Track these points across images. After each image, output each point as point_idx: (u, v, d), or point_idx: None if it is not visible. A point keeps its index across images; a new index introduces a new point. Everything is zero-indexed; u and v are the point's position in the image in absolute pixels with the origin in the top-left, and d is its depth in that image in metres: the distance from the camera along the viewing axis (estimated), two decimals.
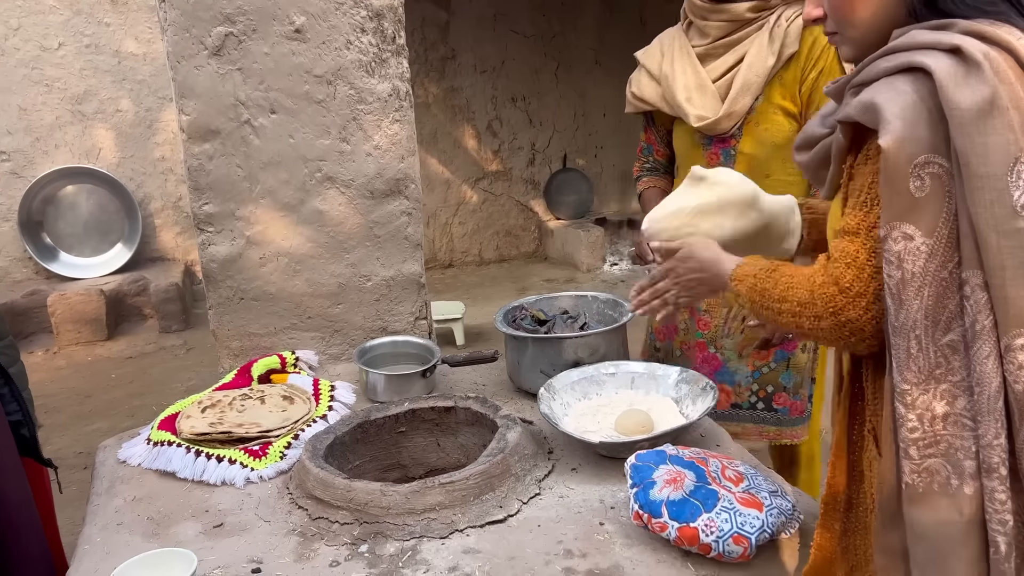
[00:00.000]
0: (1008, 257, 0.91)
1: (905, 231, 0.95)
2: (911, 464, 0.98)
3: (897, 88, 0.96)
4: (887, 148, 0.94)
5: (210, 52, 1.89)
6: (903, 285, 0.95)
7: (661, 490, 1.26)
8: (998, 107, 0.91)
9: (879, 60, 1.01)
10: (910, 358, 0.97)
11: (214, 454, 1.62)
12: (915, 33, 0.99)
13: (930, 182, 0.94)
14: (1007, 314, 0.92)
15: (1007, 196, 0.91)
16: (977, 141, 0.91)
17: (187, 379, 4.15)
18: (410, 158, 2.07)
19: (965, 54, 0.93)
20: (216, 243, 2.01)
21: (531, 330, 1.93)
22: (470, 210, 6.58)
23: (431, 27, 6.12)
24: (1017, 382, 0.93)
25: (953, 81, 0.92)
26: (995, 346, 0.93)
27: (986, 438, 0.94)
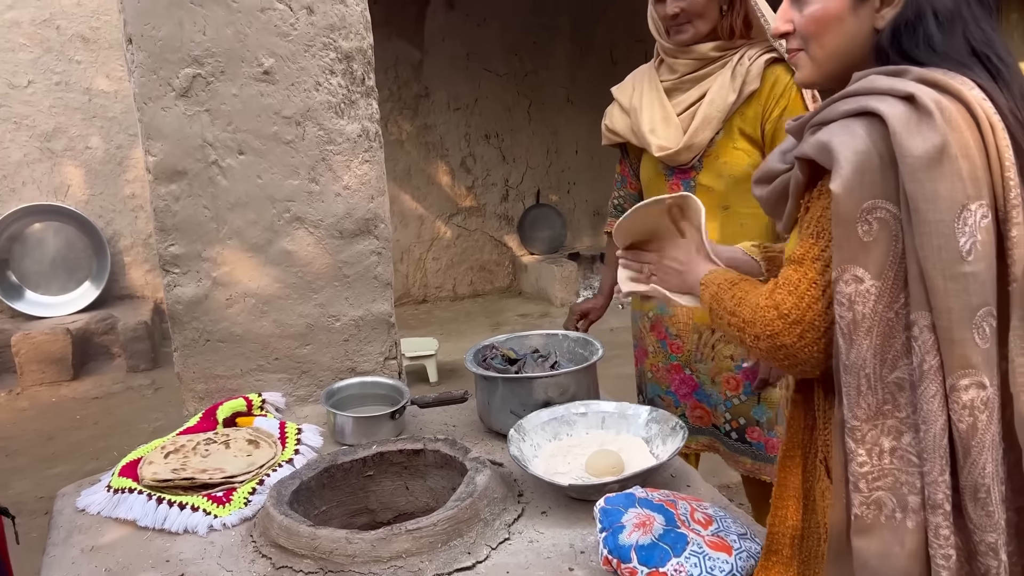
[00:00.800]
0: (954, 300, 0.94)
1: (855, 274, 0.97)
2: (860, 496, 1.00)
3: (852, 131, 0.99)
4: (837, 193, 0.97)
5: (177, 93, 1.89)
6: (854, 326, 0.98)
7: (630, 534, 1.25)
8: (948, 155, 0.94)
9: (838, 102, 1.03)
10: (860, 395, 0.99)
11: (176, 501, 1.59)
12: (874, 78, 1.02)
13: (878, 227, 0.97)
14: (952, 355, 0.95)
15: (954, 242, 0.94)
16: (927, 188, 0.93)
17: (154, 419, 4.07)
18: (380, 198, 2.07)
19: (918, 102, 0.95)
20: (182, 284, 1.99)
21: (501, 369, 1.92)
22: (444, 245, 6.59)
23: (404, 65, 6.18)
24: (961, 421, 0.95)
25: (905, 128, 0.95)
26: (941, 386, 0.96)
27: (931, 475, 0.97)
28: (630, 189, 2.28)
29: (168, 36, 1.86)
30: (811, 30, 1.09)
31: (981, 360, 0.95)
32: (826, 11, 1.07)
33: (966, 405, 0.95)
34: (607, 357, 1.97)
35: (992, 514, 0.96)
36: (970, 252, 0.94)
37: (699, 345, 2.06)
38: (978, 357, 0.95)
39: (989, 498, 0.96)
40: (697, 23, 1.92)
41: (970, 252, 0.94)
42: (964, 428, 0.95)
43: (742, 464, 2.10)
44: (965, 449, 0.96)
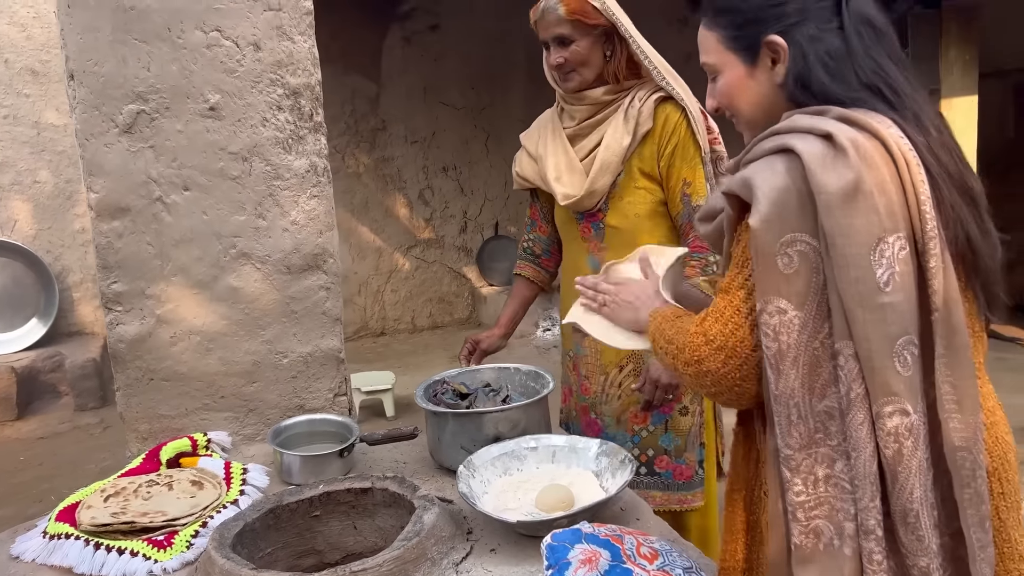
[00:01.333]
0: (872, 330, 0.97)
1: (779, 305, 1.01)
2: (799, 526, 1.02)
3: (773, 168, 1.03)
4: (755, 228, 1.01)
5: (121, 130, 1.87)
6: (780, 356, 1.01)
7: (576, 571, 1.24)
8: (862, 191, 0.98)
9: (764, 140, 1.09)
10: (791, 425, 1.02)
11: (115, 546, 1.54)
12: (797, 117, 1.07)
13: (798, 259, 1.00)
14: (875, 383, 0.98)
15: (871, 273, 0.97)
16: (843, 223, 0.97)
17: (102, 459, 3.96)
18: (328, 232, 2.06)
19: (835, 140, 1.00)
20: (125, 322, 1.95)
21: (452, 404, 1.91)
22: (402, 277, 6.56)
23: (361, 99, 6.19)
24: (887, 448, 0.98)
25: (821, 165, 0.99)
26: (868, 413, 0.99)
27: (863, 501, 0.99)
28: (540, 232, 2.33)
29: (111, 72, 1.84)
30: (725, 102, 1.21)
31: (903, 388, 0.98)
32: (728, 84, 1.18)
33: (890, 432, 0.98)
34: (557, 390, 1.97)
35: (923, 539, 0.98)
36: (888, 283, 0.97)
37: (604, 386, 2.09)
38: (900, 385, 0.98)
39: (919, 523, 0.98)
40: (582, 70, 1.98)
41: (888, 283, 0.97)
42: (890, 454, 0.98)
43: (652, 499, 2.10)
44: (892, 475, 0.98)
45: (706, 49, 1.21)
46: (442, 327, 6.68)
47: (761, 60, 1.14)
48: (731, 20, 1.16)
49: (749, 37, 1.14)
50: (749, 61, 1.15)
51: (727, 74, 1.18)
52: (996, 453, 1.10)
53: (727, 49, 1.17)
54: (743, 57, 1.16)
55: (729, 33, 1.16)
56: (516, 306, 2.33)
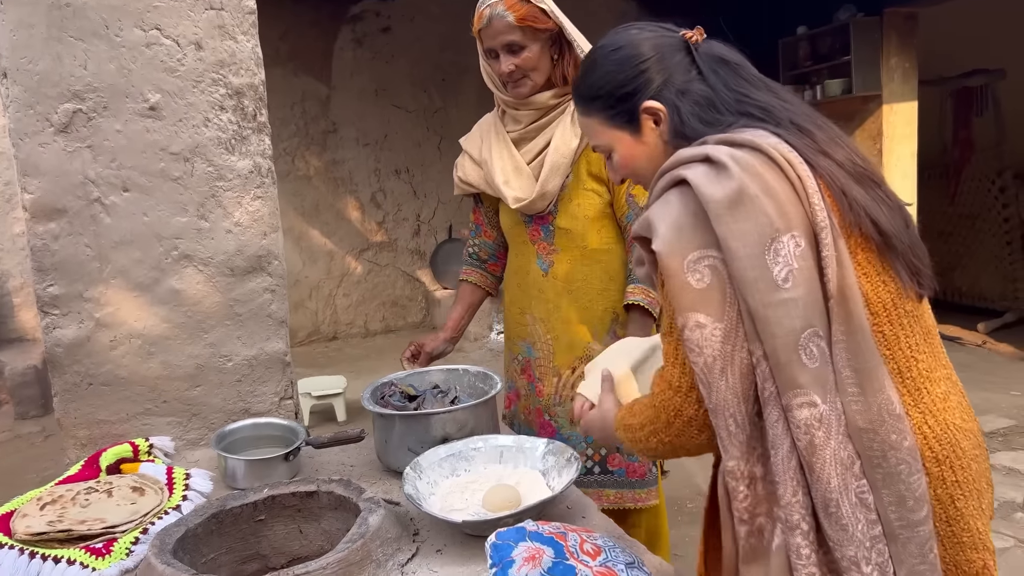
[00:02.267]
0: (776, 326, 1.00)
1: (697, 320, 1.04)
2: (745, 528, 1.05)
3: (668, 201, 1.10)
4: (659, 252, 1.05)
5: (56, 129, 1.82)
6: (707, 370, 1.03)
7: (519, 568, 1.25)
8: (747, 195, 1.03)
9: (656, 183, 1.16)
10: (731, 436, 1.04)
11: (51, 555, 1.50)
12: (679, 153, 1.14)
13: (709, 273, 1.04)
14: (782, 378, 1.01)
15: (767, 272, 1.01)
16: (733, 228, 1.02)
17: (43, 468, 3.86)
18: (273, 234, 2.04)
19: (713, 159, 1.07)
20: (62, 326, 1.90)
21: (399, 406, 1.90)
22: (355, 281, 6.52)
23: (312, 101, 6.13)
24: (799, 440, 1.01)
25: (706, 181, 1.05)
26: (781, 410, 1.02)
27: (784, 497, 1.01)
28: (485, 237, 2.35)
29: (46, 70, 1.80)
30: (627, 172, 1.29)
31: (810, 379, 1.01)
32: (624, 156, 1.27)
33: (800, 424, 1.00)
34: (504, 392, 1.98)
35: (847, 528, 1.00)
36: (787, 279, 1.01)
37: (558, 388, 2.10)
38: (806, 377, 1.01)
39: (840, 512, 1.00)
40: (533, 75, 1.99)
41: (787, 279, 1.01)
42: (803, 446, 1.01)
43: (605, 497, 2.12)
44: (809, 466, 1.01)
45: (593, 133, 1.30)
46: (395, 331, 6.65)
47: (644, 124, 1.22)
48: (604, 103, 1.25)
49: (626, 111, 1.23)
50: (634, 130, 1.24)
51: (619, 148, 1.26)
52: (945, 439, 1.10)
53: (611, 127, 1.26)
54: (628, 129, 1.24)
55: (607, 114, 1.25)
56: (462, 310, 2.34)
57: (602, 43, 1.28)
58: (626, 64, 1.22)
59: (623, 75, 1.22)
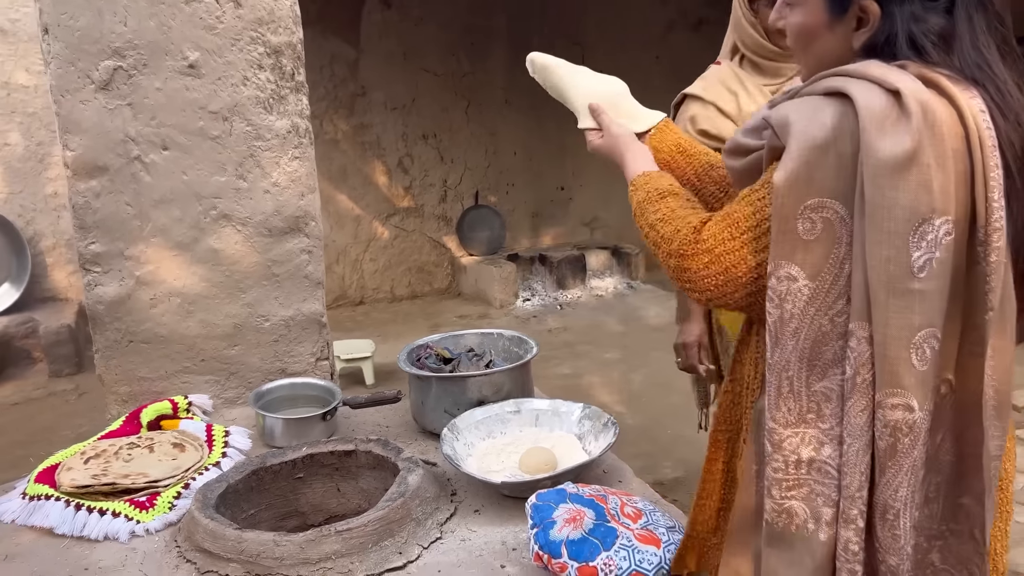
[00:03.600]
0: (894, 316, 0.89)
1: (789, 272, 0.93)
2: (772, 503, 0.98)
3: (819, 115, 0.93)
4: (778, 185, 0.92)
5: (97, 86, 1.83)
6: (780, 324, 0.94)
7: (561, 529, 1.25)
8: (918, 163, 0.87)
9: (826, 78, 0.98)
10: (780, 398, 0.96)
11: (96, 507, 1.53)
12: (871, 64, 0.95)
13: (821, 226, 0.92)
14: (883, 372, 0.91)
15: (905, 255, 0.88)
16: (887, 195, 0.87)
17: (78, 426, 3.92)
18: (310, 195, 2.04)
19: (902, 98, 0.89)
20: (103, 283, 1.92)
21: (435, 369, 1.91)
22: (381, 246, 6.52)
23: (340, 64, 6.10)
24: (881, 439, 0.92)
25: (878, 125, 0.88)
26: (870, 401, 0.92)
27: (849, 489, 0.94)
28: None
29: (87, 26, 1.80)
30: (793, 40, 1.09)
31: (914, 382, 0.91)
32: (805, 25, 1.05)
33: (888, 424, 0.91)
34: (545, 357, 1.98)
35: (898, 538, 0.94)
36: (923, 269, 0.89)
37: None
38: (911, 379, 0.91)
39: (897, 521, 0.93)
40: None
41: (923, 269, 0.89)
42: (883, 447, 0.92)
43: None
44: (881, 468, 0.93)
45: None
46: (421, 296, 6.66)
47: (848, 16, 1.01)
48: None
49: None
50: (835, 12, 1.02)
51: (807, 15, 1.04)
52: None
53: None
54: (830, 5, 1.02)
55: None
56: None
57: None
58: None
59: None
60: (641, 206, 1.17)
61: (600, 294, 6.39)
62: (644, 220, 1.15)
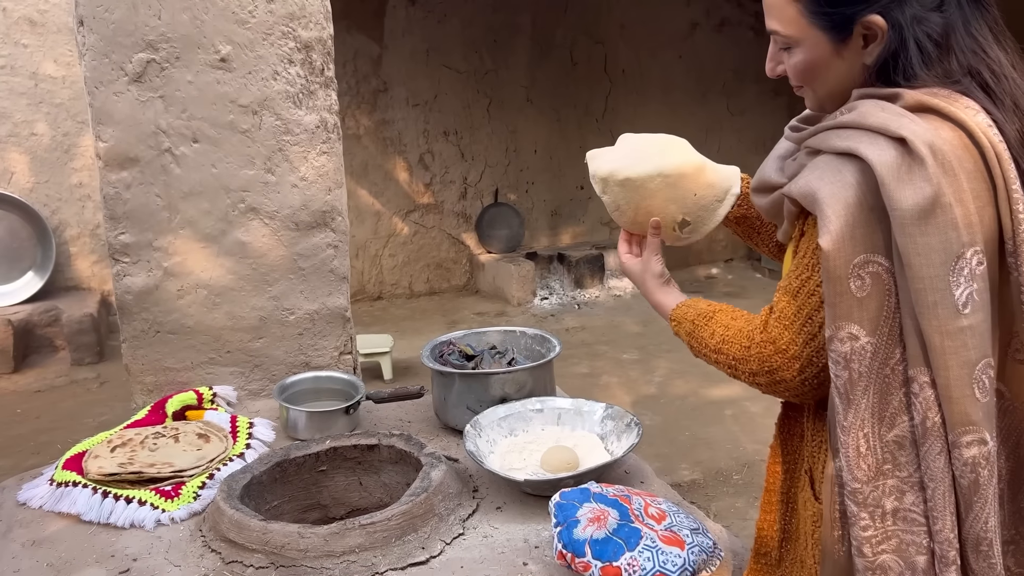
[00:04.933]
0: (951, 357, 0.90)
1: (851, 331, 0.94)
2: (864, 562, 0.97)
3: (841, 178, 0.94)
4: (827, 250, 0.93)
5: (130, 79, 1.84)
6: (851, 386, 0.95)
7: (585, 529, 1.25)
8: (941, 205, 0.89)
9: (831, 133, 1.00)
10: (860, 457, 0.96)
11: (122, 495, 1.55)
12: (867, 110, 0.97)
13: (870, 281, 0.93)
14: (952, 413, 0.92)
15: (949, 296, 0.89)
16: (919, 241, 0.89)
17: (100, 414, 3.97)
18: (337, 190, 2.05)
19: (910, 146, 0.90)
20: (132, 274, 1.94)
21: (458, 365, 1.91)
22: (400, 242, 6.54)
23: (363, 60, 6.12)
24: (963, 478, 0.93)
25: (895, 178, 0.90)
26: (944, 443, 0.93)
27: (943, 533, 0.94)
28: None
29: (121, 19, 1.82)
30: (800, 79, 1.08)
31: (982, 416, 0.92)
32: (811, 61, 1.04)
33: (968, 463, 0.92)
34: (566, 356, 1.98)
35: (995, 566, 0.94)
36: (967, 304, 0.90)
37: None
38: (979, 413, 0.92)
39: (991, 551, 0.94)
40: None
41: (967, 304, 0.90)
42: (967, 484, 0.93)
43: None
44: (967, 504, 0.93)
45: (782, 19, 1.03)
46: (439, 293, 6.68)
47: (854, 37, 1.00)
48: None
49: (842, 15, 0.99)
50: (838, 39, 1.01)
51: (809, 51, 1.03)
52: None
53: (812, 25, 1.01)
54: (831, 35, 1.01)
55: (818, 8, 1.00)
56: None
57: None
58: None
59: None
60: (694, 336, 1.18)
61: (618, 294, 6.38)
62: (704, 348, 1.15)
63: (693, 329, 1.17)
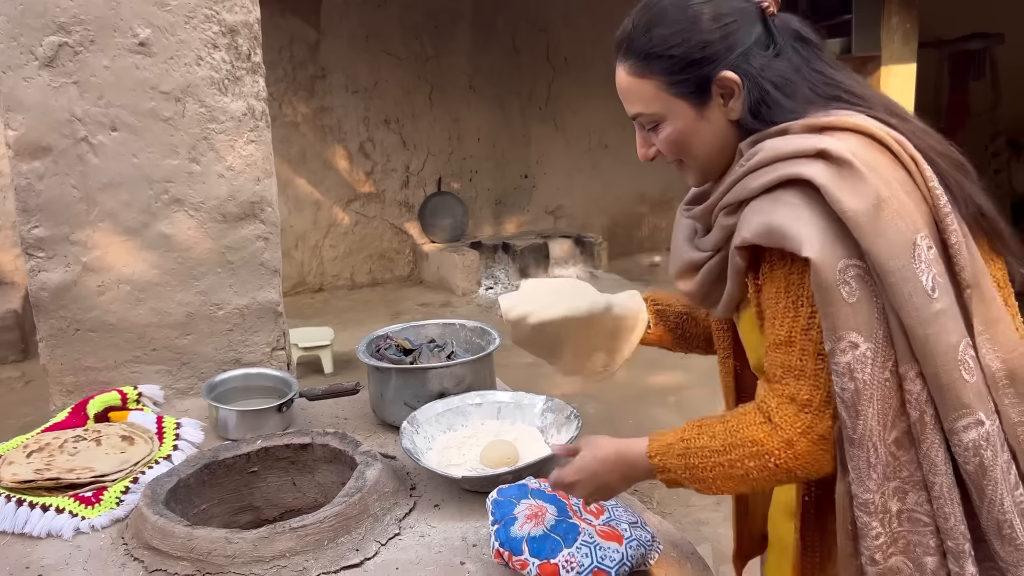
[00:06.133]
0: (935, 344, 0.92)
1: (851, 340, 0.93)
2: (875, 569, 0.97)
3: (790, 203, 0.96)
4: (816, 260, 0.93)
5: (41, 63, 1.75)
6: (857, 396, 0.93)
7: (522, 526, 1.23)
8: (882, 199, 0.92)
9: (749, 178, 1.01)
10: (870, 467, 0.95)
11: (39, 503, 1.47)
12: (772, 145, 0.99)
13: (857, 285, 0.93)
14: (944, 400, 0.92)
15: (920, 284, 0.91)
16: (880, 240, 0.91)
17: (24, 415, 3.81)
18: (266, 180, 1.98)
19: (833, 155, 0.94)
20: (48, 269, 1.85)
21: (395, 360, 1.87)
22: (342, 232, 6.44)
23: (300, 45, 5.98)
24: (967, 463, 0.93)
25: (837, 186, 0.92)
26: (942, 434, 0.94)
27: (954, 528, 0.94)
28: None
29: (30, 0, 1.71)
30: (677, 150, 1.10)
31: (973, 396, 0.93)
32: (680, 131, 1.08)
33: (968, 447, 0.92)
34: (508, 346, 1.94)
35: (1021, 547, 0.93)
36: (934, 288, 0.92)
37: None
38: (970, 394, 0.92)
39: (1014, 532, 0.93)
40: None
41: (934, 288, 0.92)
42: (972, 470, 0.93)
43: None
44: (979, 490, 0.93)
45: (643, 99, 1.08)
46: (382, 284, 6.60)
47: (713, 99, 1.06)
48: (669, 65, 1.05)
49: (696, 78, 1.04)
50: (698, 103, 1.06)
51: (675, 122, 1.08)
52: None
53: (672, 95, 1.06)
54: (692, 100, 1.06)
55: (670, 79, 1.05)
56: None
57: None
58: (706, 24, 1.03)
59: (701, 36, 1.03)
60: (691, 452, 1.05)
61: None
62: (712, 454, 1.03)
63: (686, 446, 1.05)
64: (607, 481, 1.15)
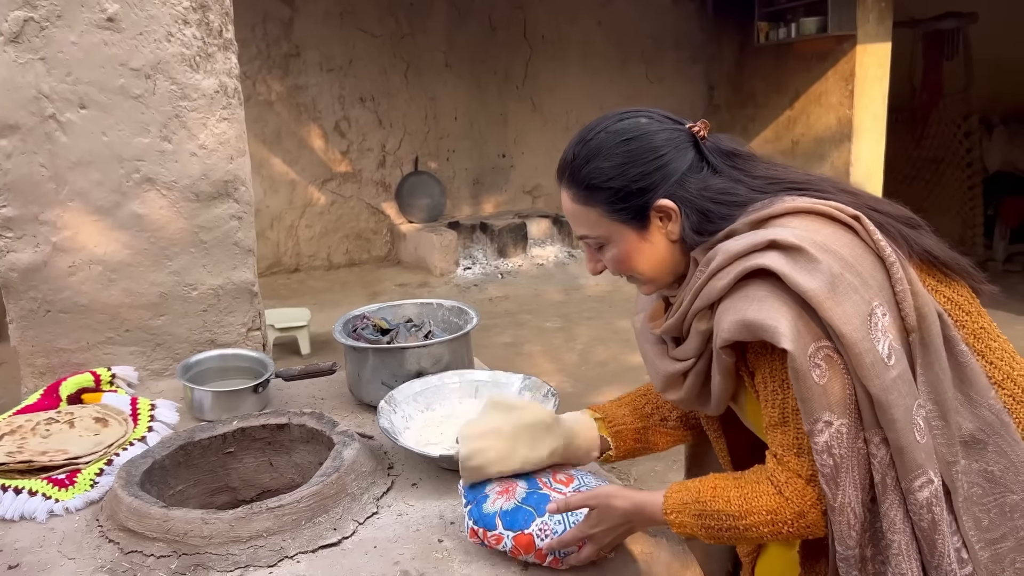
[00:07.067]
0: (895, 409, 0.97)
1: (826, 419, 0.98)
2: None
3: (758, 297, 1.01)
4: (792, 351, 0.97)
5: (6, 39, 1.70)
6: (836, 470, 0.98)
7: (494, 502, 1.24)
8: (835, 276, 0.97)
9: (712, 281, 1.06)
10: (850, 528, 1.00)
11: (11, 486, 1.46)
12: (726, 247, 1.05)
13: (826, 366, 0.98)
14: (903, 462, 0.97)
15: (878, 354, 0.96)
16: (839, 313, 0.96)
17: None
18: (240, 159, 1.95)
19: (783, 244, 1.00)
20: (17, 250, 1.81)
21: (372, 340, 1.87)
22: (318, 212, 6.39)
23: (273, 22, 5.90)
24: (922, 520, 0.98)
25: (793, 270, 0.98)
26: (900, 495, 0.99)
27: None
28: None
29: None
30: (623, 268, 1.19)
31: (925, 456, 0.98)
32: (624, 251, 1.16)
33: (923, 504, 0.98)
34: (487, 326, 1.95)
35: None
36: (890, 355, 0.97)
37: None
38: (922, 454, 0.98)
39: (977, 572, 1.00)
40: None
41: (890, 355, 0.97)
42: (926, 526, 0.98)
43: None
44: (930, 545, 0.98)
45: (588, 223, 1.17)
46: (359, 264, 6.57)
47: (652, 223, 1.14)
48: (608, 195, 1.13)
49: (635, 207, 1.12)
50: (639, 227, 1.14)
51: (619, 244, 1.16)
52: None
53: (614, 221, 1.15)
54: (633, 225, 1.14)
55: (611, 207, 1.14)
56: None
57: (607, 127, 1.15)
58: (640, 158, 1.12)
59: (637, 170, 1.11)
60: (707, 514, 1.09)
61: (541, 263, 6.40)
62: (727, 518, 1.08)
63: (702, 508, 1.09)
64: (623, 532, 1.20)
